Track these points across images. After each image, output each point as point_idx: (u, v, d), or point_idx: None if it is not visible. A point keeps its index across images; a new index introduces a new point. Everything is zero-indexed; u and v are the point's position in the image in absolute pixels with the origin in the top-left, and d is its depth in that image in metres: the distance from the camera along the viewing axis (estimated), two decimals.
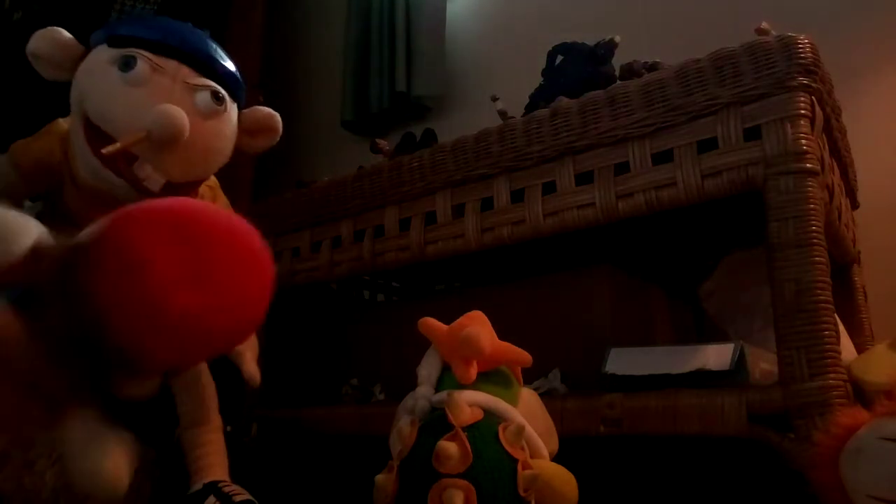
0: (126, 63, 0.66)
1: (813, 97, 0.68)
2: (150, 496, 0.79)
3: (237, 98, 0.75)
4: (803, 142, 0.65)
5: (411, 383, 0.59)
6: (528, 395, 0.61)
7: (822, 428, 0.55)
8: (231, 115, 0.73)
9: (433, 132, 1.15)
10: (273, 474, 0.99)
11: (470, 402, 0.53)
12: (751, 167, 0.67)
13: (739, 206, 0.75)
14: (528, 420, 0.55)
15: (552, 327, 0.89)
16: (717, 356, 0.71)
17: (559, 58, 1.00)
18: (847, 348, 0.77)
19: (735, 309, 0.94)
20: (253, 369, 0.76)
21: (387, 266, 0.97)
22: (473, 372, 0.55)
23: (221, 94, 0.70)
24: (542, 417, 0.61)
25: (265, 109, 0.78)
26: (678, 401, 0.67)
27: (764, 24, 0.74)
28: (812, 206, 0.64)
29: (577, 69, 0.94)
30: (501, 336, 0.58)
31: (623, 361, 0.76)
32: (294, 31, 2.14)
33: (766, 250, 0.66)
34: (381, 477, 0.51)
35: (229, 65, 0.73)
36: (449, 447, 0.48)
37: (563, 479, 0.54)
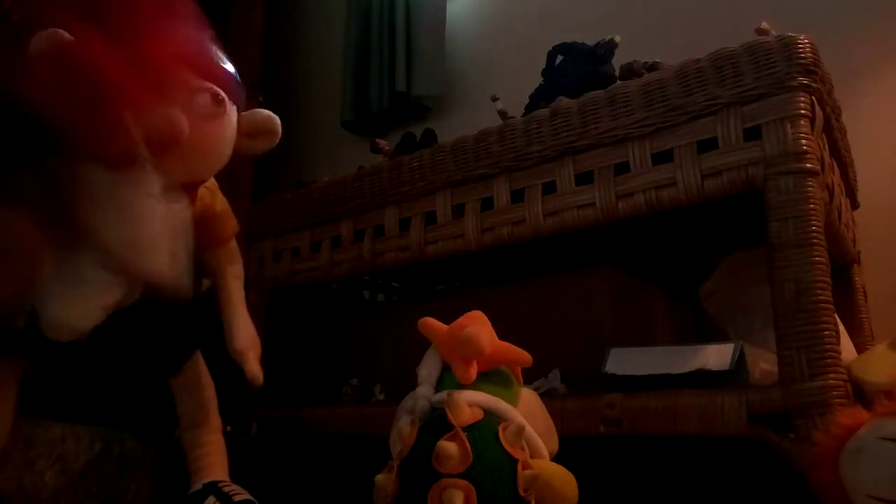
0: None
1: (813, 97, 0.68)
2: (150, 496, 0.79)
3: (237, 100, 0.75)
4: (803, 142, 0.65)
5: (411, 383, 0.59)
6: (528, 395, 0.61)
7: (822, 428, 0.55)
8: (230, 117, 0.73)
9: (433, 132, 1.15)
10: (273, 474, 0.99)
11: (470, 402, 0.53)
12: (751, 167, 0.67)
13: (739, 206, 0.75)
14: (528, 420, 0.55)
15: (552, 327, 0.89)
16: (717, 356, 0.71)
17: (559, 58, 1.00)
18: (847, 348, 0.77)
19: (735, 309, 0.94)
20: (256, 369, 0.77)
21: (387, 266, 0.97)
22: (473, 372, 0.55)
23: (221, 96, 0.70)
24: (542, 417, 0.61)
25: (264, 112, 0.78)
26: (678, 401, 0.67)
27: (764, 24, 0.74)
28: (812, 206, 0.64)
29: (577, 69, 0.94)
30: (501, 336, 0.58)
31: (623, 361, 0.76)
32: (294, 31, 2.14)
33: (766, 250, 0.66)
34: (381, 477, 0.51)
35: (229, 67, 0.73)
36: (449, 447, 0.48)
37: (563, 479, 0.54)
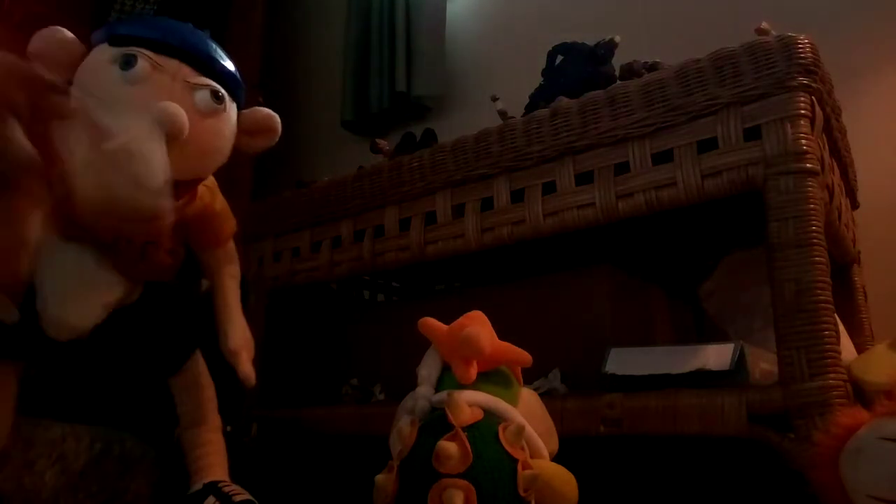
0: (127, 61, 0.66)
1: (813, 97, 0.68)
2: (150, 496, 0.79)
3: (237, 98, 0.75)
4: (803, 142, 0.65)
5: (411, 383, 0.59)
6: (528, 395, 0.61)
7: (822, 428, 0.55)
8: (230, 114, 0.73)
9: (433, 132, 1.15)
10: (273, 474, 0.99)
11: (470, 402, 0.53)
12: (751, 167, 0.67)
13: (739, 206, 0.75)
14: (528, 420, 0.55)
15: (552, 327, 0.89)
16: (717, 356, 0.71)
17: (559, 58, 1.00)
18: (847, 348, 0.77)
19: (735, 309, 0.94)
20: (248, 369, 0.76)
21: (387, 266, 0.97)
22: (473, 372, 0.55)
23: (221, 93, 0.70)
24: (542, 417, 0.61)
25: (264, 110, 0.78)
26: (678, 401, 0.67)
27: (764, 24, 0.74)
28: (812, 206, 0.64)
29: (577, 69, 0.94)
30: (501, 336, 0.58)
31: (623, 361, 0.76)
32: (294, 31, 2.14)
33: (766, 250, 0.66)
34: (381, 477, 0.51)
35: (229, 65, 0.73)
36: (449, 447, 0.48)
37: (563, 479, 0.54)
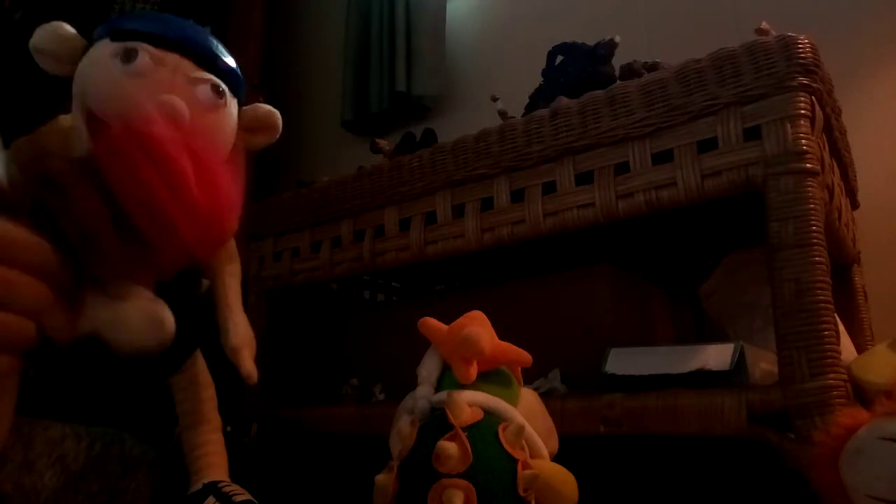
0: (128, 55, 0.66)
1: (813, 97, 0.68)
2: (150, 496, 0.79)
3: (237, 94, 0.75)
4: (803, 142, 0.65)
5: (411, 383, 0.59)
6: (528, 395, 0.61)
7: (822, 428, 0.55)
8: (231, 109, 0.73)
9: (433, 132, 1.15)
10: (273, 474, 0.99)
11: (470, 402, 0.53)
12: (751, 167, 0.67)
13: (739, 206, 0.75)
14: (528, 420, 0.54)
15: (552, 327, 0.89)
16: (717, 356, 0.71)
17: (559, 58, 1.00)
18: (847, 348, 0.77)
19: (735, 309, 0.94)
20: (250, 367, 0.76)
21: (387, 266, 0.96)
22: (473, 372, 0.55)
23: (222, 87, 0.71)
24: (542, 417, 0.61)
25: (265, 106, 0.78)
26: (678, 401, 0.67)
27: (764, 24, 0.74)
28: (812, 206, 0.64)
29: (577, 69, 0.94)
30: (501, 336, 0.58)
31: (623, 361, 0.76)
32: (294, 31, 2.14)
33: (766, 250, 0.66)
34: (381, 477, 0.51)
35: (230, 60, 0.73)
36: (449, 447, 0.48)
37: (563, 478, 0.54)
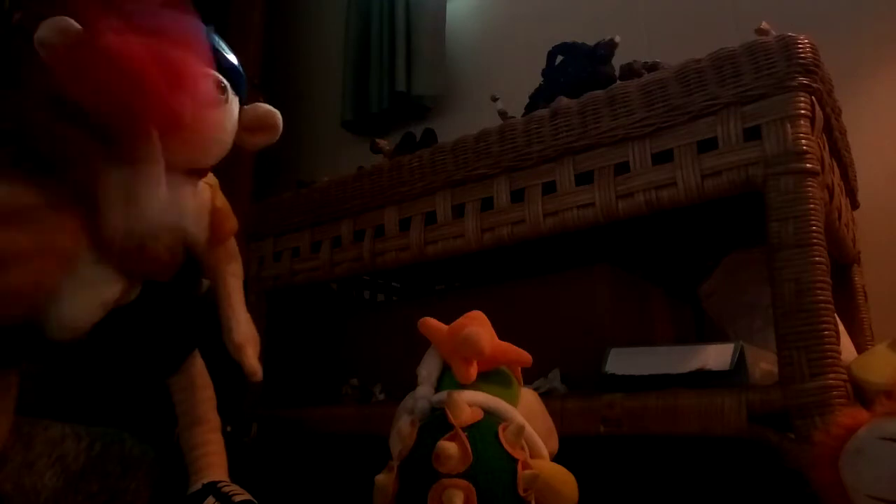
0: None
1: (813, 97, 0.68)
2: (150, 496, 0.79)
3: (239, 92, 0.75)
4: (803, 142, 0.65)
5: (411, 383, 0.59)
6: (528, 395, 0.61)
7: (822, 428, 0.55)
8: (232, 107, 0.73)
9: (433, 132, 1.15)
10: (273, 474, 0.99)
11: (470, 402, 0.53)
12: (751, 167, 0.67)
13: (739, 206, 0.75)
14: (528, 420, 0.55)
15: (552, 327, 0.89)
16: (717, 356, 0.71)
17: (559, 58, 1.00)
18: (847, 348, 0.77)
19: (735, 309, 0.94)
20: (254, 364, 0.76)
21: (387, 266, 0.96)
22: (473, 372, 0.55)
23: (224, 84, 0.71)
24: (542, 417, 0.61)
25: (266, 106, 0.78)
26: (678, 401, 0.67)
27: (764, 24, 0.74)
28: (812, 206, 0.64)
29: (577, 69, 0.94)
30: (501, 336, 0.58)
31: (623, 361, 0.76)
32: (294, 31, 2.14)
33: (766, 250, 0.66)
34: (381, 477, 0.51)
35: (232, 58, 0.74)
36: (449, 447, 0.48)
37: (563, 478, 0.54)
